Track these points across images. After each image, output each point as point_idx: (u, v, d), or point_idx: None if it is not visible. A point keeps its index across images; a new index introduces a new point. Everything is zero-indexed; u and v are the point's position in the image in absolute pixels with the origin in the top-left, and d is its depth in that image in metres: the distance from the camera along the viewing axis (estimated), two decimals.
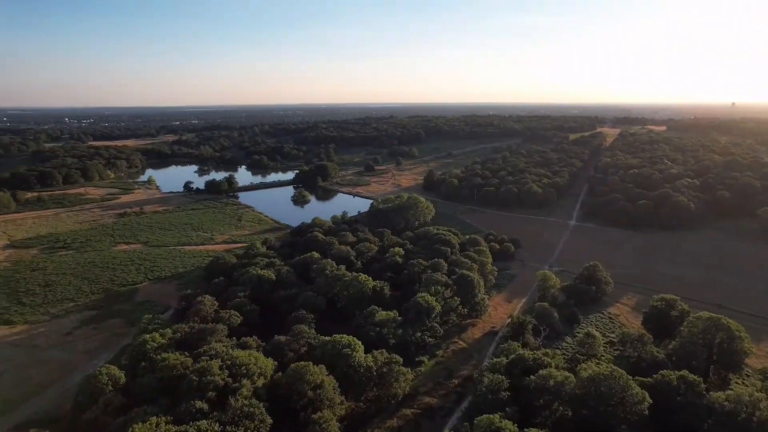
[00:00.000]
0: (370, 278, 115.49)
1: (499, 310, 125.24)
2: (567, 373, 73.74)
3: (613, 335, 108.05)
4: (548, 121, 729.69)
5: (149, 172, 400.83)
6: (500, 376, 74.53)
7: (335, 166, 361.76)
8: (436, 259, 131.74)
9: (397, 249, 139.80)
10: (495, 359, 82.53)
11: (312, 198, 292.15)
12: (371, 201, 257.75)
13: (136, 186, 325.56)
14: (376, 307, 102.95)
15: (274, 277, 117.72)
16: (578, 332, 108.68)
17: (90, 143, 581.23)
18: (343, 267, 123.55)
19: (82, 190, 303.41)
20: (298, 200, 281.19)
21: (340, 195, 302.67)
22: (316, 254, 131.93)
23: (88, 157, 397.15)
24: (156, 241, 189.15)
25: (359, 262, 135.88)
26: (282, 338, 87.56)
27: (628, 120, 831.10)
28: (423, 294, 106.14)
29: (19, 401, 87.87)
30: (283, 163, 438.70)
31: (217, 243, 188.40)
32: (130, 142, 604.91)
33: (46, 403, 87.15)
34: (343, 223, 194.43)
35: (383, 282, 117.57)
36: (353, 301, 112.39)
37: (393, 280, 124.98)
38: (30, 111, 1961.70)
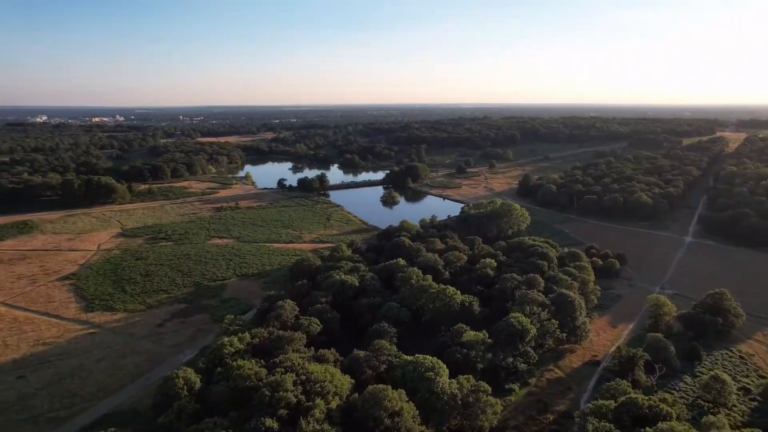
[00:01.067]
0: (458, 292, 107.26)
1: (602, 336, 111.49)
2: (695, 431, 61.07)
3: (746, 380, 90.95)
4: (658, 124, 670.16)
5: (247, 168, 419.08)
6: (608, 424, 63.60)
7: (426, 167, 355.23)
8: (531, 274, 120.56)
9: (488, 260, 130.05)
10: (601, 402, 71.06)
11: (401, 199, 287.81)
12: (462, 205, 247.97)
13: (234, 181, 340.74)
14: (464, 326, 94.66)
15: (358, 284, 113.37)
16: (700, 372, 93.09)
17: (197, 139, 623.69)
18: (429, 277, 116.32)
19: (186, 183, 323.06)
20: (387, 201, 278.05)
21: (429, 197, 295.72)
22: (401, 261, 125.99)
23: (194, 152, 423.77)
24: (247, 236, 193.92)
25: (447, 272, 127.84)
26: (361, 353, 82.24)
27: (755, 123, 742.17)
28: (517, 314, 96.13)
29: (112, 390, 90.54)
30: (374, 163, 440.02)
31: (304, 242, 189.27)
32: (232, 139, 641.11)
33: (134, 394, 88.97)
34: (432, 228, 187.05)
35: (472, 297, 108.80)
36: (439, 315, 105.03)
37: (482, 295, 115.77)
38: (153, 110, 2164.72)
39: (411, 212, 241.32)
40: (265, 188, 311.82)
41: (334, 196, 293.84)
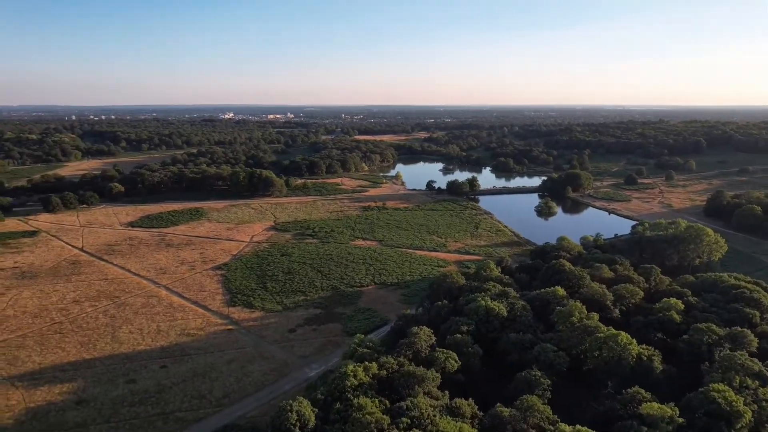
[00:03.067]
0: (634, 341, 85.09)
1: None
2: None
3: None
4: None
5: (398, 167, 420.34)
6: None
7: (589, 176, 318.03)
8: (737, 328, 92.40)
9: (672, 300, 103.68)
10: None
11: (558, 210, 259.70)
12: (631, 222, 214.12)
13: (385, 180, 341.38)
14: (642, 391, 73.32)
15: (506, 314, 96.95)
16: None
17: (354, 137, 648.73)
18: (595, 316, 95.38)
19: (339, 180, 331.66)
20: (543, 211, 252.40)
21: (591, 210, 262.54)
22: (560, 290, 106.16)
23: (349, 149, 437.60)
24: (390, 240, 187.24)
25: (617, 310, 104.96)
26: (505, 412, 66.69)
27: None
28: (721, 387, 71.85)
29: (235, 398, 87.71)
30: (529, 168, 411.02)
31: (449, 251, 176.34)
32: (387, 137, 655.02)
33: (254, 407, 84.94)
34: (595, 248, 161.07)
35: (652, 349, 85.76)
36: (605, 366, 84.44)
37: (664, 346, 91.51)
38: (320, 108, 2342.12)
39: (570, 226, 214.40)
40: (414, 189, 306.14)
41: (484, 201, 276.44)
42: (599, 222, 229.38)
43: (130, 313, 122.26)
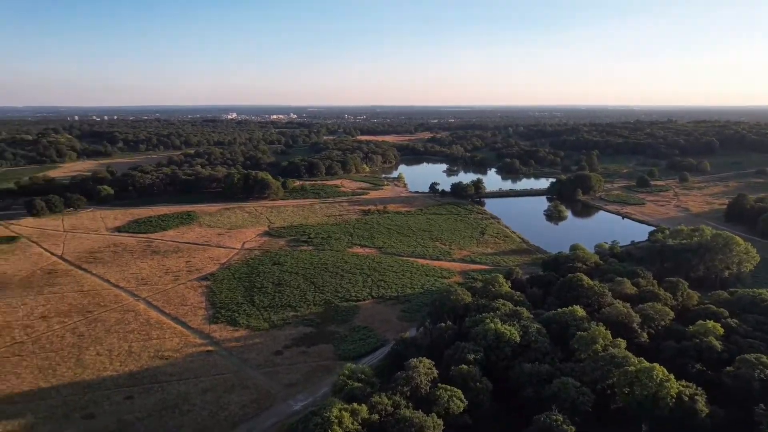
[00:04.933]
0: (672, 376, 72.44)
1: None
2: None
3: None
4: None
5: (401, 168, 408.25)
6: None
7: (599, 177, 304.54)
8: None
9: (710, 323, 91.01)
10: None
11: (569, 214, 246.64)
12: (648, 228, 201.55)
13: (386, 182, 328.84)
14: None
15: (519, 339, 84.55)
16: None
17: (357, 137, 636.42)
18: (622, 342, 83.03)
19: (338, 182, 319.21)
20: (553, 216, 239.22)
21: (603, 214, 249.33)
22: (579, 310, 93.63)
23: (350, 150, 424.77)
24: (391, 247, 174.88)
25: (645, 334, 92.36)
26: None
27: None
28: None
29: None
30: (536, 169, 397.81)
31: (453, 260, 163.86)
32: (389, 138, 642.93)
33: None
34: (612, 257, 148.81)
35: (694, 386, 72.99)
36: (637, 405, 71.96)
37: (704, 379, 78.79)
38: (324, 108, 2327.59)
39: (582, 232, 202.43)
40: (417, 191, 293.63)
41: (490, 204, 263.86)
42: (613, 227, 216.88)
43: (101, 332, 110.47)
